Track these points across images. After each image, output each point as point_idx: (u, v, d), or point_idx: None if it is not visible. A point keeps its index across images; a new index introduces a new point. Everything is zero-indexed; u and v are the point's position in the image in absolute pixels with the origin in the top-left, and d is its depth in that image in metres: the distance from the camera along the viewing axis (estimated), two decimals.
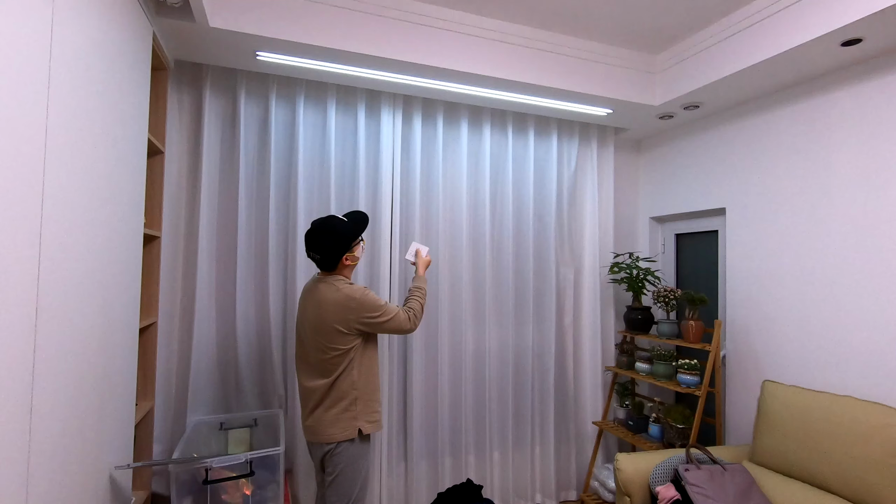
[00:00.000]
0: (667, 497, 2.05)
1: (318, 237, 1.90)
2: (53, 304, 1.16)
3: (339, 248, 1.90)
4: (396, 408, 2.73)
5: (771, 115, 2.61)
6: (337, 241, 1.90)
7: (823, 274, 2.31)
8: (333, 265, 1.93)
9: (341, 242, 1.91)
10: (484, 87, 2.63)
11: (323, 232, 1.90)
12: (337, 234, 1.90)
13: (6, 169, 0.96)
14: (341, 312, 1.86)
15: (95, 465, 1.48)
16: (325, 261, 1.91)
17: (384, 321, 1.91)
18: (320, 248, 1.89)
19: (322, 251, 1.89)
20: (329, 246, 1.89)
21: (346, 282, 1.92)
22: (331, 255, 1.90)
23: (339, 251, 1.91)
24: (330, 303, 1.87)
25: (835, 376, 2.24)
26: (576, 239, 3.24)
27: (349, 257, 1.95)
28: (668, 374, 2.74)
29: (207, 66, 2.44)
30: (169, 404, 2.40)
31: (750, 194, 2.70)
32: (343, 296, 1.87)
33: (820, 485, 2.00)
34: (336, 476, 1.88)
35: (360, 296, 1.88)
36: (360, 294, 1.89)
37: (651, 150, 3.46)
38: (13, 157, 0.98)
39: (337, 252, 1.91)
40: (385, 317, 1.91)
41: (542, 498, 3.05)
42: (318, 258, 1.91)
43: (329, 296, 1.88)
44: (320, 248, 1.89)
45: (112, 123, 1.53)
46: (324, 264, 1.93)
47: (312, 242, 1.91)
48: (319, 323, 1.88)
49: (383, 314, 1.91)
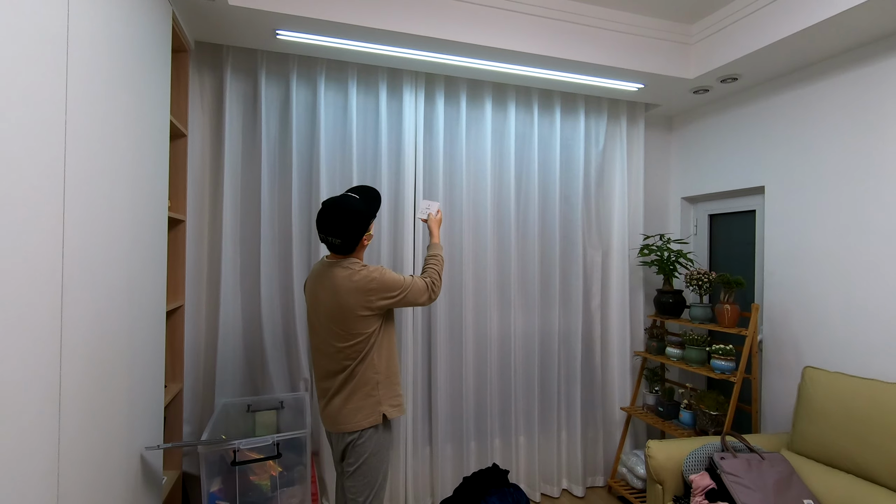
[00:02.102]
0: (701, 486, 1.98)
1: (339, 219, 1.72)
2: (78, 287, 1.15)
3: (359, 229, 1.75)
4: (421, 391, 2.71)
5: (816, 86, 2.44)
6: (356, 222, 1.74)
7: (871, 254, 2.18)
8: (353, 248, 1.79)
9: (362, 223, 1.76)
10: (509, 63, 2.53)
11: (343, 213, 1.72)
12: (357, 214, 1.74)
13: (26, 153, 0.94)
14: (363, 295, 1.73)
15: (126, 446, 1.50)
16: (345, 244, 1.76)
17: (406, 295, 1.81)
18: (341, 231, 1.72)
19: (343, 234, 1.73)
20: (351, 228, 1.73)
21: (361, 263, 1.80)
22: (353, 237, 1.75)
23: (359, 232, 1.76)
24: (349, 288, 1.74)
25: (883, 363, 2.12)
26: (604, 220, 3.14)
27: (366, 237, 1.83)
28: (701, 359, 2.65)
29: (228, 48, 2.41)
30: (197, 386, 2.43)
31: (792, 171, 2.55)
32: (362, 278, 1.74)
33: (866, 476, 1.90)
34: (360, 465, 1.78)
35: (380, 275, 1.77)
36: (379, 273, 1.77)
37: (684, 127, 3.31)
38: (33, 140, 0.96)
39: (359, 234, 1.76)
40: (406, 291, 1.80)
41: (569, 483, 3.01)
42: (338, 243, 1.75)
43: (346, 281, 1.74)
44: (341, 231, 1.72)
45: (133, 105, 1.51)
46: (344, 248, 1.77)
47: (330, 225, 1.73)
48: (337, 310, 1.75)
49: (404, 289, 1.80)
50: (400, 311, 2.64)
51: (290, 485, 2.05)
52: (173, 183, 2.25)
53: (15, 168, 0.91)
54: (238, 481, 1.98)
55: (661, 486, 2.15)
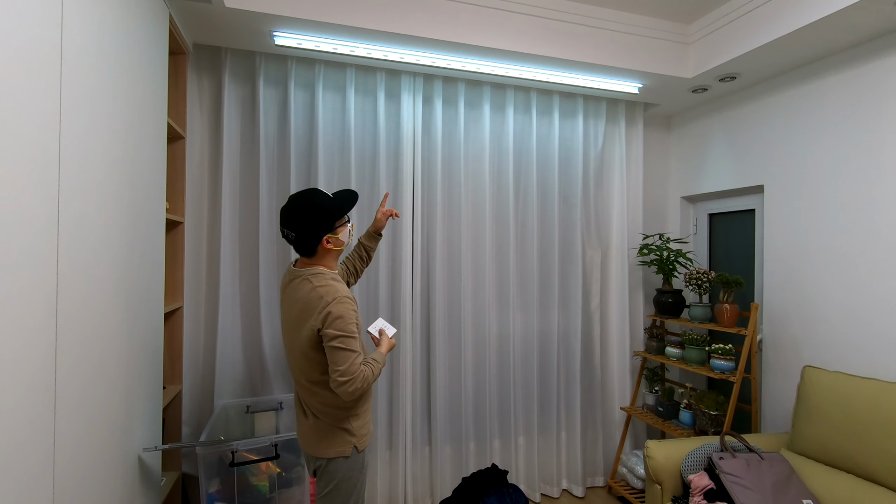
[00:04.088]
0: (700, 486, 1.97)
1: (295, 210, 1.55)
2: (73, 288, 1.16)
3: (318, 226, 1.55)
4: (420, 392, 2.71)
5: (815, 85, 2.43)
6: (316, 216, 1.55)
7: (871, 255, 2.17)
8: (312, 248, 1.58)
9: (322, 219, 1.55)
10: (507, 63, 2.53)
11: (301, 204, 1.56)
12: (317, 207, 1.55)
13: (20, 156, 0.94)
14: (308, 314, 1.53)
15: (124, 448, 1.50)
16: (301, 240, 1.56)
17: (338, 350, 1.47)
18: (296, 223, 1.54)
19: (298, 227, 1.54)
20: (306, 221, 1.54)
21: (328, 276, 1.58)
22: (308, 232, 1.55)
23: (318, 229, 1.55)
24: (301, 301, 1.55)
25: (883, 363, 2.11)
26: (603, 220, 3.13)
27: (331, 239, 1.59)
28: (701, 359, 2.64)
29: (226, 50, 2.42)
30: (196, 388, 2.44)
31: (791, 170, 2.54)
32: (315, 294, 1.52)
33: (866, 476, 1.89)
34: (330, 490, 1.62)
35: (334, 302, 1.49)
36: (335, 300, 1.49)
37: (683, 127, 3.31)
38: (27, 142, 0.96)
39: (315, 230, 1.55)
40: (342, 347, 1.47)
41: (569, 483, 3.01)
42: (293, 237, 1.56)
43: (301, 293, 1.56)
44: (296, 223, 1.54)
45: (129, 107, 1.51)
46: (300, 245, 1.58)
47: (288, 216, 1.56)
48: (296, 326, 1.57)
49: (344, 343, 1.47)
50: (398, 309, 2.64)
51: (289, 486, 2.06)
52: (172, 185, 2.25)
53: (8, 170, 0.91)
54: (237, 482, 1.98)
55: (660, 486, 2.14)
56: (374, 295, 2.63)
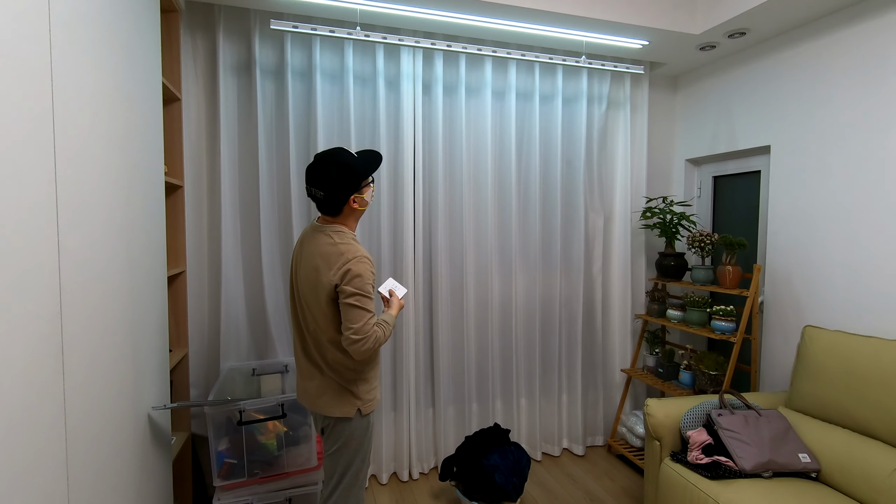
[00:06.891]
0: (699, 441, 2.02)
1: (324, 169, 1.57)
2: (74, 249, 1.15)
3: (347, 185, 1.58)
4: (423, 354, 2.74)
5: (826, 40, 2.36)
6: (345, 176, 1.57)
7: (876, 214, 2.15)
8: (339, 207, 1.62)
9: (351, 178, 1.59)
10: (509, 20, 2.45)
11: (331, 164, 1.58)
12: (346, 168, 1.58)
13: (11, 119, 0.92)
14: (327, 268, 1.56)
15: (133, 408, 1.53)
16: (329, 199, 1.59)
17: (353, 308, 1.52)
18: (325, 183, 1.57)
19: (327, 186, 1.57)
20: (335, 180, 1.57)
21: (349, 235, 1.63)
22: (337, 191, 1.58)
23: (347, 188, 1.59)
24: (322, 255, 1.58)
25: (885, 321, 2.12)
26: (606, 184, 3.10)
27: (357, 199, 1.63)
28: (702, 320, 2.66)
29: (219, 7, 2.34)
30: (202, 351, 2.47)
31: (798, 129, 2.49)
32: (336, 250, 1.57)
33: (863, 431, 1.93)
34: (337, 449, 1.67)
35: (354, 260, 1.55)
36: (356, 258, 1.55)
37: (689, 87, 3.23)
38: (18, 104, 0.94)
39: (344, 189, 1.58)
40: (358, 306, 1.52)
41: (569, 443, 3.08)
42: (321, 196, 1.59)
43: (322, 247, 1.60)
44: (325, 183, 1.57)
45: (121, 66, 1.47)
46: (327, 205, 1.61)
47: (316, 176, 1.58)
48: (313, 283, 1.59)
49: (360, 302, 1.53)
50: (400, 272, 2.65)
51: (296, 444, 2.11)
52: (169, 147, 2.22)
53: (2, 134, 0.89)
54: (245, 441, 2.03)
55: (659, 442, 2.19)
56: (377, 258, 2.62)
